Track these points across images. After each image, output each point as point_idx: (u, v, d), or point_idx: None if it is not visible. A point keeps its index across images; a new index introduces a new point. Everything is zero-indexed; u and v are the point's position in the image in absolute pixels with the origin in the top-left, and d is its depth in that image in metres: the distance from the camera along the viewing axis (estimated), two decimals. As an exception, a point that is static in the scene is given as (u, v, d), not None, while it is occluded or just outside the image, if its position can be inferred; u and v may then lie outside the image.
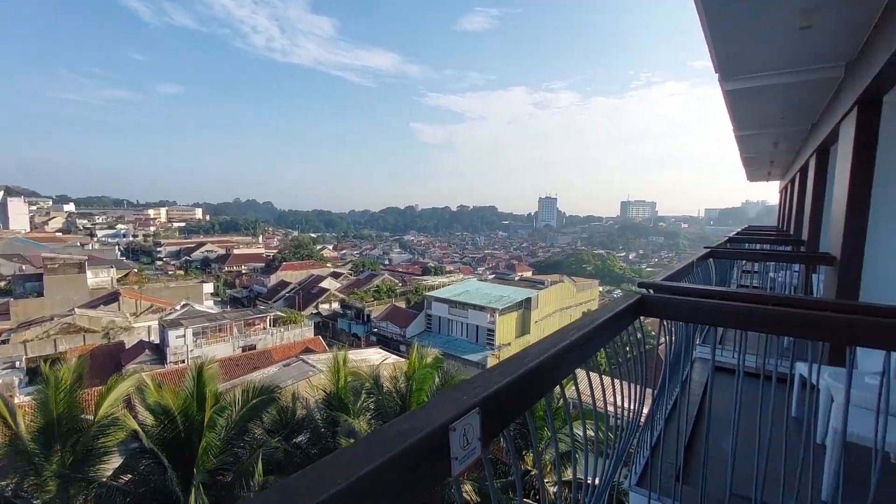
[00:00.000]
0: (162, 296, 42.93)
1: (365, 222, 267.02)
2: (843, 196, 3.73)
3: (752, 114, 5.81)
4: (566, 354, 1.15)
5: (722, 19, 3.07)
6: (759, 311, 1.67)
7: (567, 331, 1.29)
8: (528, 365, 0.99)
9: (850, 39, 3.44)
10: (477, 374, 0.95)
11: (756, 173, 14.47)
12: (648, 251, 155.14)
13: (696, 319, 1.82)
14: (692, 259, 3.48)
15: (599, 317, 1.47)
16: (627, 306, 1.66)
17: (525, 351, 1.09)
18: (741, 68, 4.01)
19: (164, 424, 10.49)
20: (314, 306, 49.00)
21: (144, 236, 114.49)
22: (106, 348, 29.66)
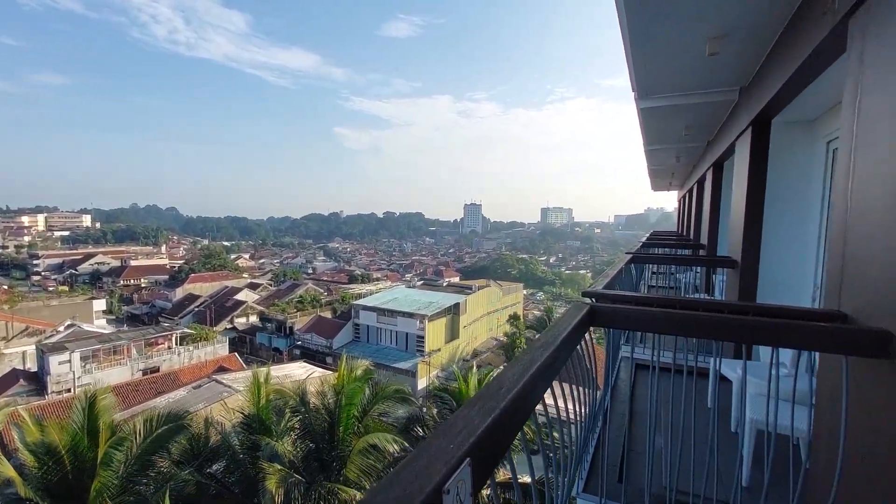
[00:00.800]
0: (41, 316, 36.98)
1: (286, 229, 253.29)
2: (741, 206, 4.22)
3: (660, 130, 6.39)
4: (539, 377, 1.08)
5: (643, 43, 3.30)
6: (695, 318, 1.77)
7: (534, 351, 1.22)
8: (508, 396, 0.89)
9: (744, 67, 3.90)
10: (456, 415, 0.82)
11: (660, 183, 16.06)
12: (567, 255, 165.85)
13: (641, 328, 1.88)
14: (621, 265, 3.70)
15: (560, 331, 1.43)
16: (581, 318, 1.65)
17: (498, 380, 1.00)
18: (656, 88, 4.38)
19: (48, 466, 8.96)
20: (229, 321, 45.30)
21: (17, 247, 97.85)
22: (-37, 382, 24.70)
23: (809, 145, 4.83)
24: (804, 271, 4.74)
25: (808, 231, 4.76)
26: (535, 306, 67.24)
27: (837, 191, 1.88)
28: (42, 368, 25.47)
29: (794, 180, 4.90)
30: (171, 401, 19.49)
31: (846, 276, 1.74)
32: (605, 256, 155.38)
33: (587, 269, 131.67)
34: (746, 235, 4.12)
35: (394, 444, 11.67)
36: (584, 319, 1.68)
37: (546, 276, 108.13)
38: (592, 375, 1.92)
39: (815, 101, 4.19)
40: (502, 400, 0.87)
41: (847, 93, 1.85)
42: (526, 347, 1.27)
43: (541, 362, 1.12)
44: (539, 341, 1.32)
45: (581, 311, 1.72)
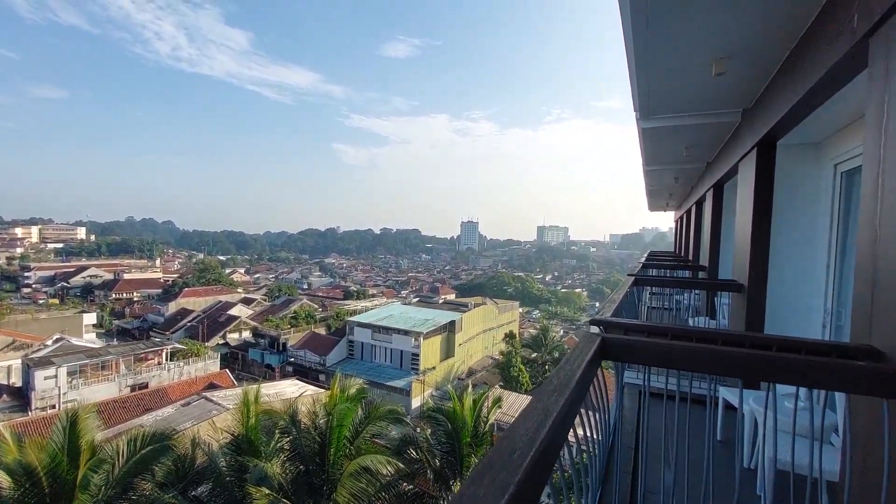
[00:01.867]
0: (29, 329, 36.25)
1: (282, 244, 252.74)
2: (747, 228, 4.13)
3: (660, 151, 6.37)
4: (557, 432, 0.93)
5: (647, 64, 3.26)
6: (718, 355, 1.64)
7: (548, 397, 1.08)
8: (523, 464, 0.74)
9: (748, 89, 3.87)
10: (461, 494, 0.67)
11: (656, 204, 16.09)
12: (563, 273, 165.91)
13: (657, 363, 1.74)
14: (626, 289, 3.58)
15: (574, 371, 1.29)
16: (594, 353, 1.51)
17: (510, 440, 0.84)
18: (658, 109, 4.35)
19: (25, 488, 8.56)
20: (221, 336, 44.62)
21: (9, 259, 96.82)
22: (-57, 397, 23.99)
23: (816, 168, 4.78)
24: (813, 297, 4.63)
25: (816, 256, 4.67)
26: (531, 325, 66.82)
27: (864, 216, 1.77)
28: (27, 383, 24.83)
29: (800, 204, 4.83)
30: (158, 418, 18.97)
31: (877, 309, 1.62)
32: (601, 275, 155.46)
33: (583, 288, 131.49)
34: (753, 259, 4.03)
35: (387, 466, 11.32)
36: (596, 354, 1.54)
37: (542, 295, 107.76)
38: (606, 418, 1.77)
39: (821, 123, 4.15)
40: (517, 471, 0.72)
41: (870, 114, 1.76)
42: (537, 392, 1.11)
43: (557, 411, 0.97)
44: (552, 384, 1.17)
45: (592, 344, 1.57)
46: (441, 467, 13.55)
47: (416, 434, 14.54)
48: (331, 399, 12.22)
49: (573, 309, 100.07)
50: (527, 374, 36.31)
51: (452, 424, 13.56)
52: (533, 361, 40.16)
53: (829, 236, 4.42)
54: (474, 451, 13.56)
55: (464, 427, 13.50)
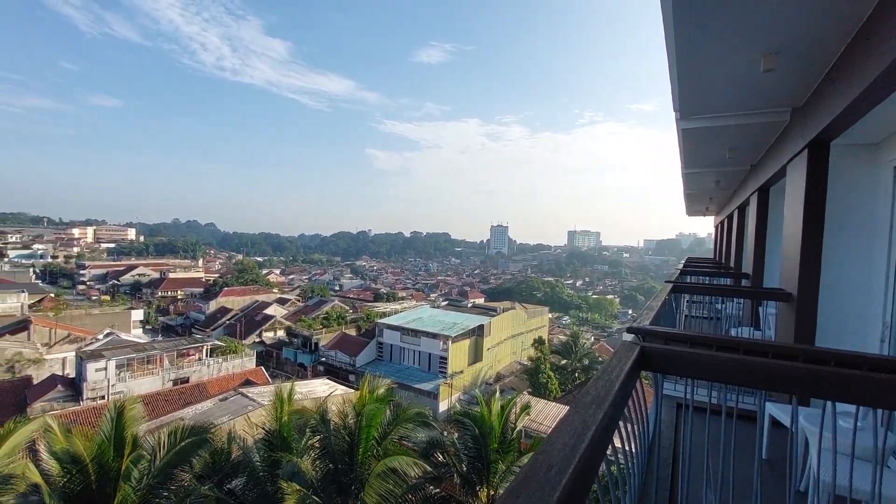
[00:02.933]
0: (83, 324, 38.68)
1: (315, 246, 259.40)
2: (797, 234, 3.89)
3: (701, 153, 6.11)
4: (595, 448, 0.88)
5: (690, 61, 3.13)
6: (772, 369, 1.52)
7: (585, 410, 1.02)
8: (562, 482, 0.70)
9: (799, 87, 3.65)
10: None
11: (695, 208, 15.46)
12: (594, 279, 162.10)
13: (702, 375, 1.63)
14: (664, 296, 3.43)
15: (612, 382, 1.23)
16: (632, 364, 1.44)
17: (546, 454, 0.79)
18: (700, 108, 4.17)
19: (72, 475, 9.07)
20: (257, 334, 46.17)
21: (66, 258, 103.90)
22: (9, 384, 25.92)
23: (873, 170, 4.44)
24: (869, 309, 4.29)
25: (873, 264, 4.33)
26: (560, 330, 65.62)
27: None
28: (79, 375, 26.46)
29: (855, 208, 4.49)
30: (197, 412, 19.76)
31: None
32: (635, 282, 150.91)
33: (615, 294, 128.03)
34: (803, 266, 3.78)
35: (414, 468, 11.33)
36: (635, 364, 1.47)
37: (572, 300, 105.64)
38: (644, 431, 1.68)
39: (880, 122, 3.86)
40: (555, 489, 0.67)
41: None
42: (574, 403, 1.06)
43: (596, 425, 0.92)
44: (589, 395, 1.11)
45: (631, 354, 1.50)
46: (468, 472, 13.45)
47: (443, 438, 14.49)
48: (360, 399, 12.36)
49: (604, 315, 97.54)
50: (556, 380, 35.63)
51: (480, 429, 13.44)
52: (562, 368, 39.36)
53: (888, 243, 4.09)
54: (501, 458, 13.39)
55: (491, 433, 13.35)
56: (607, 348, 50.82)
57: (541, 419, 25.57)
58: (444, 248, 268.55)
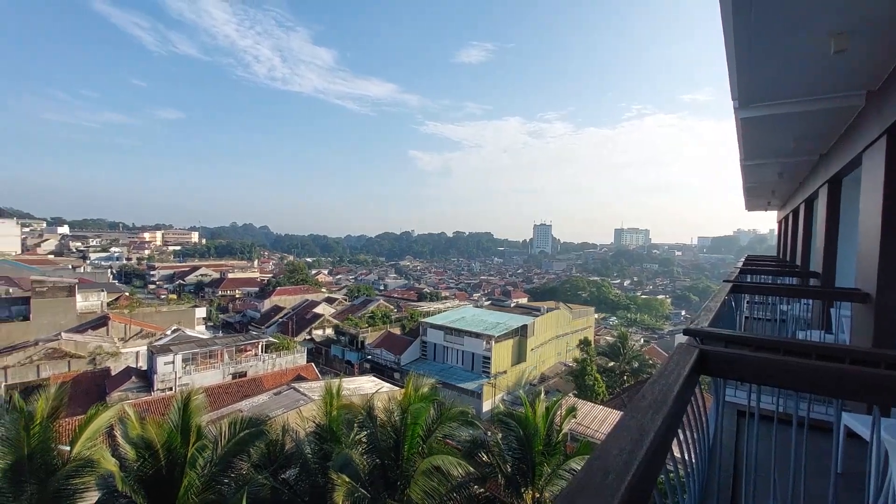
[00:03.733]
0: (153, 320, 41.96)
1: (361, 247, 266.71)
2: (874, 228, 3.54)
3: (762, 143, 5.71)
4: (655, 454, 0.84)
5: (750, 44, 2.93)
6: (839, 373, 1.40)
7: (642, 414, 0.98)
8: (621, 489, 0.67)
9: (874, 68, 3.33)
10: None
11: (756, 203, 14.45)
12: (643, 278, 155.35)
13: (762, 380, 1.53)
14: (723, 296, 3.23)
15: (670, 385, 1.18)
16: (691, 368, 1.37)
17: (601, 460, 0.77)
18: (761, 96, 3.89)
19: (145, 459, 9.87)
20: (307, 332, 48.10)
21: (138, 259, 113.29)
22: (91, 375, 28.61)
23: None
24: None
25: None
26: (607, 332, 63.46)
27: None
28: (150, 367, 28.74)
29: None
30: (254, 405, 20.88)
31: None
32: (688, 281, 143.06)
33: (666, 295, 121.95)
34: (883, 264, 3.43)
35: (458, 468, 11.38)
36: (694, 367, 1.39)
37: (619, 301, 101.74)
38: (704, 439, 1.59)
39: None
40: (613, 496, 0.66)
41: None
42: (630, 408, 1.03)
43: (655, 431, 0.89)
44: (645, 399, 1.07)
45: (689, 357, 1.43)
46: (512, 473, 13.33)
47: (487, 437, 14.45)
48: (405, 397, 12.58)
49: (655, 317, 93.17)
50: (603, 383, 34.47)
51: (524, 431, 13.28)
52: (610, 371, 38.02)
53: None
54: (547, 460, 13.15)
55: (536, 434, 13.15)
56: (658, 351, 48.56)
57: (587, 422, 24.84)
58: (486, 248, 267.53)
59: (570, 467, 12.63)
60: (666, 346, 52.86)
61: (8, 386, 26.38)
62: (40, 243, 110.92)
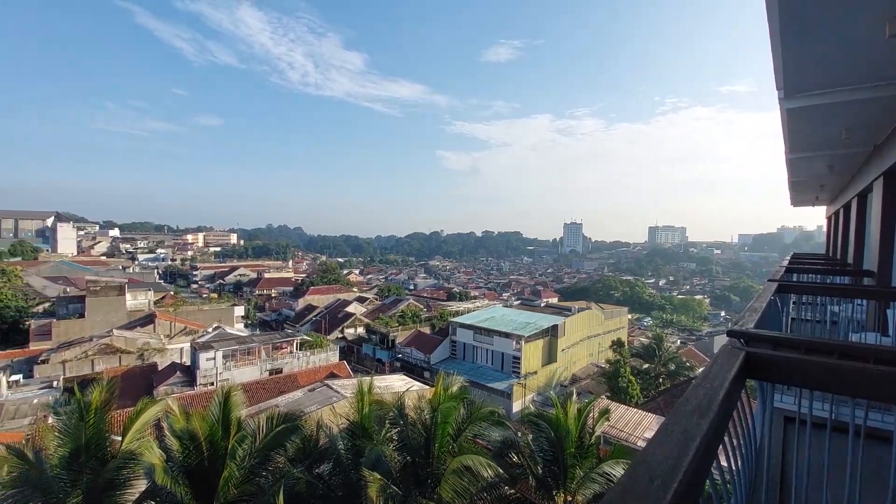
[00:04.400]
0: (195, 318, 44.03)
1: (391, 247, 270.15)
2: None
3: (810, 134, 5.39)
4: (702, 460, 0.81)
5: (797, 29, 2.78)
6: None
7: (686, 418, 0.95)
8: (667, 496, 0.66)
9: (938, 50, 3.08)
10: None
11: (802, 198, 13.67)
12: (679, 278, 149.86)
13: (814, 385, 1.43)
14: (769, 297, 3.07)
15: (716, 389, 1.13)
16: (737, 372, 1.31)
17: (645, 465, 0.74)
18: (809, 85, 3.68)
19: (190, 451, 10.35)
20: (340, 331, 49.15)
21: (182, 260, 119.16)
22: (139, 370, 30.35)
23: None
24: None
25: None
26: (641, 333, 61.68)
27: None
28: (194, 363, 30.14)
29: None
30: (289, 401, 21.53)
31: None
32: (727, 281, 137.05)
33: (704, 295, 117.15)
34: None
35: (487, 469, 11.33)
36: (740, 371, 1.33)
37: (654, 301, 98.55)
38: (749, 446, 1.52)
39: None
40: (660, 503, 0.64)
41: None
42: (673, 412, 1.00)
43: (701, 436, 0.85)
44: (689, 403, 1.03)
45: (735, 360, 1.36)
46: (544, 475, 13.16)
47: (518, 438, 14.32)
48: (435, 396, 12.64)
49: (692, 318, 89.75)
50: (637, 385, 33.47)
51: (556, 433, 13.08)
52: (644, 373, 36.89)
53: None
54: (579, 463, 12.91)
55: (567, 436, 12.94)
56: (696, 353, 46.77)
57: (621, 425, 24.21)
58: (515, 247, 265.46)
59: (603, 471, 12.34)
60: (704, 349, 50.82)
61: (66, 379, 28.31)
62: (94, 245, 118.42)
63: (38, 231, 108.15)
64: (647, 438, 22.87)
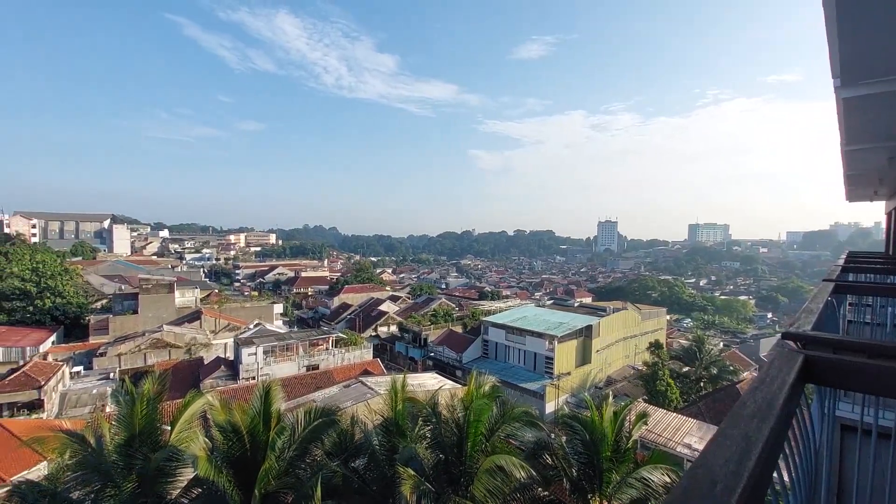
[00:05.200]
0: (238, 315, 45.99)
1: (423, 247, 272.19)
2: None
3: (869, 124, 5.02)
4: (765, 465, 0.78)
5: (858, 13, 2.59)
6: None
7: (745, 422, 0.91)
8: (732, 501, 0.63)
9: None
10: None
11: (859, 193, 12.72)
12: (722, 277, 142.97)
13: (884, 391, 1.34)
14: (825, 297, 2.89)
15: (775, 393, 1.08)
16: (796, 376, 1.24)
17: (705, 469, 0.71)
18: (869, 71, 3.42)
19: (233, 442, 10.82)
20: (373, 329, 50.01)
21: (226, 259, 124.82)
22: (187, 363, 32.03)
23: None
24: None
25: None
26: (681, 334, 59.32)
27: None
28: (237, 358, 31.51)
29: None
30: (325, 396, 22.13)
31: None
32: (775, 281, 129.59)
33: (749, 295, 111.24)
34: None
35: (520, 470, 11.23)
36: (798, 375, 1.26)
37: (695, 301, 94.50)
38: (810, 459, 1.43)
39: None
40: None
41: None
42: (731, 416, 0.96)
43: (763, 441, 0.82)
44: (747, 407, 0.99)
45: (792, 364, 1.29)
46: (578, 478, 12.92)
47: (552, 440, 14.12)
48: (468, 394, 12.66)
49: (736, 319, 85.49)
50: (676, 389, 32.20)
51: (591, 435, 12.81)
52: (684, 376, 35.44)
53: None
54: (615, 467, 12.59)
55: (603, 440, 12.64)
56: (741, 357, 44.53)
57: (659, 430, 23.40)
58: (548, 246, 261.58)
59: (641, 476, 11.98)
60: (749, 352, 48.32)
61: (121, 371, 30.25)
62: (145, 246, 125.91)
63: (96, 232, 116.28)
64: (687, 444, 21.98)
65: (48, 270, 42.36)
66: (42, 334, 35.76)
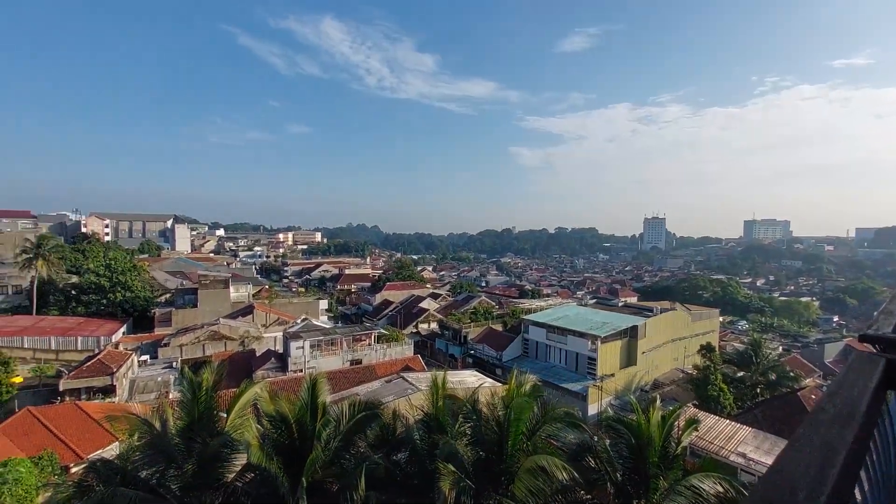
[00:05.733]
0: (286, 310, 48.14)
1: (463, 245, 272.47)
2: None
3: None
4: (848, 472, 0.74)
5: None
6: None
7: (826, 428, 0.86)
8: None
9: None
10: None
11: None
12: (782, 277, 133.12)
13: None
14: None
15: (854, 401, 1.02)
16: (878, 381, 1.15)
17: (785, 476, 0.67)
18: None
19: (282, 431, 11.36)
20: (414, 325, 50.70)
21: (275, 257, 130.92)
22: (241, 355, 33.90)
23: None
24: None
25: None
26: (735, 337, 55.91)
27: None
28: (285, 351, 32.94)
29: None
30: (368, 390, 22.73)
31: None
32: (842, 281, 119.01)
33: (813, 297, 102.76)
34: None
35: (562, 472, 11.02)
36: (882, 381, 1.17)
37: (751, 302, 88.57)
38: (892, 470, 1.32)
39: None
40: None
41: None
42: (810, 421, 0.91)
43: (846, 448, 0.78)
44: (827, 412, 0.94)
45: (874, 368, 1.21)
46: (623, 483, 12.50)
47: (594, 442, 13.75)
48: (508, 393, 12.58)
49: (798, 322, 79.35)
50: (730, 395, 30.34)
51: (637, 440, 12.35)
52: (739, 381, 33.33)
53: None
54: (663, 474, 12.07)
55: (650, 444, 12.15)
56: (803, 362, 41.35)
57: (710, 437, 22.22)
58: (590, 244, 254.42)
59: (691, 484, 11.42)
60: (813, 357, 44.76)
61: (183, 360, 32.44)
62: (204, 244, 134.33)
63: (160, 232, 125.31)
64: (741, 453, 20.74)
65: (119, 266, 46.08)
66: (114, 325, 39.05)
